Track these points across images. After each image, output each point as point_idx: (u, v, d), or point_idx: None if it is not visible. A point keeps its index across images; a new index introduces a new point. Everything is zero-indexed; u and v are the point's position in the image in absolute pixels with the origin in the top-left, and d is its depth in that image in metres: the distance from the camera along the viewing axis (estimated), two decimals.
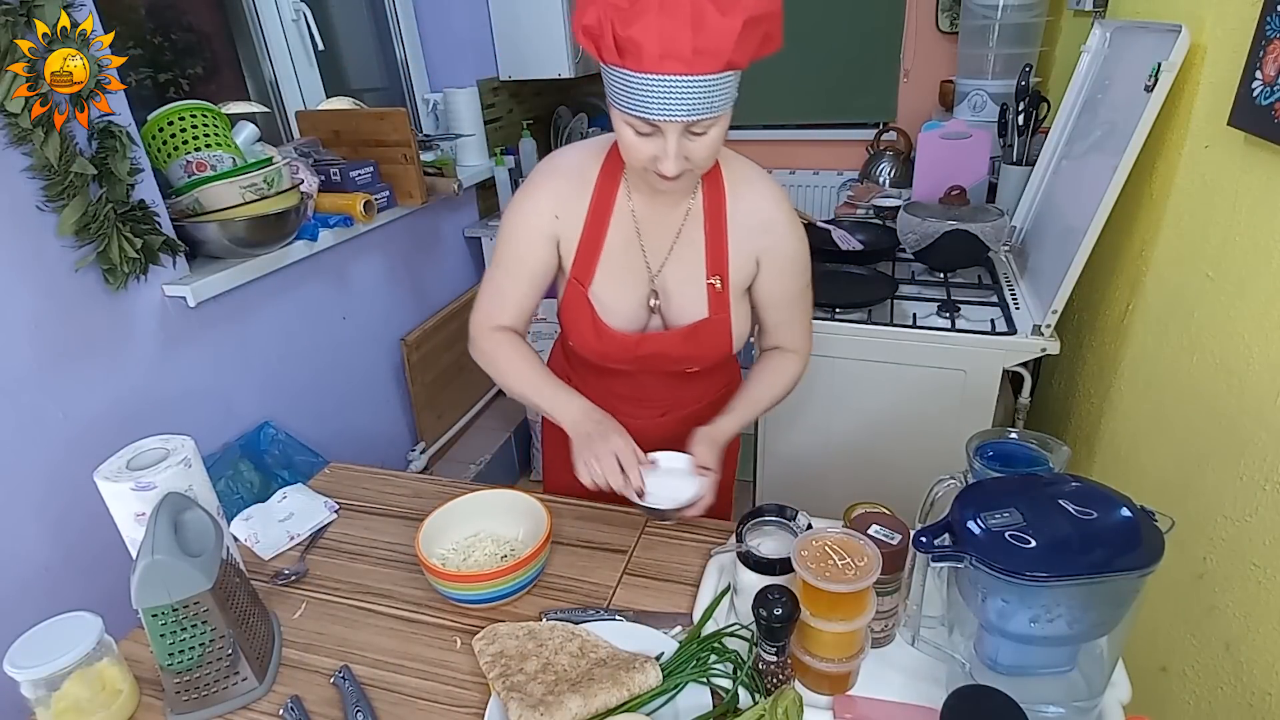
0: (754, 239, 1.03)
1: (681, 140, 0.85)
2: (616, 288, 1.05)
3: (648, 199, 1.02)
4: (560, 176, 1.04)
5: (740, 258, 1.04)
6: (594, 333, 1.06)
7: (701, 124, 0.84)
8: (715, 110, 0.83)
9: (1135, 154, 1.27)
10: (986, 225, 1.70)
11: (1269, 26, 0.92)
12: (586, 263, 1.03)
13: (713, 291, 1.04)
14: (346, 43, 2.41)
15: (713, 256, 1.03)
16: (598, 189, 1.02)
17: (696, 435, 1.04)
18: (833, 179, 3.12)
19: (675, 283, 1.05)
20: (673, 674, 0.82)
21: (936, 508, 0.89)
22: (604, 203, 1.02)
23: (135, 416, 1.41)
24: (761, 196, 1.04)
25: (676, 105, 0.80)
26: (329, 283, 1.90)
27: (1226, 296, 1.04)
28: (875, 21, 2.86)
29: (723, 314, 1.05)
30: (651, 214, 1.03)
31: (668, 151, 0.85)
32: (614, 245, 1.03)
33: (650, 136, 0.86)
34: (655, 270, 1.05)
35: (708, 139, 0.86)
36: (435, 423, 2.37)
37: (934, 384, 1.57)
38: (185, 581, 0.78)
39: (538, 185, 1.04)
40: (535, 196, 1.03)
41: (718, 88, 0.81)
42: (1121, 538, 0.66)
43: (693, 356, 1.08)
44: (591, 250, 1.03)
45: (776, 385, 1.13)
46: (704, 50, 0.77)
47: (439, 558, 1.00)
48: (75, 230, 1.23)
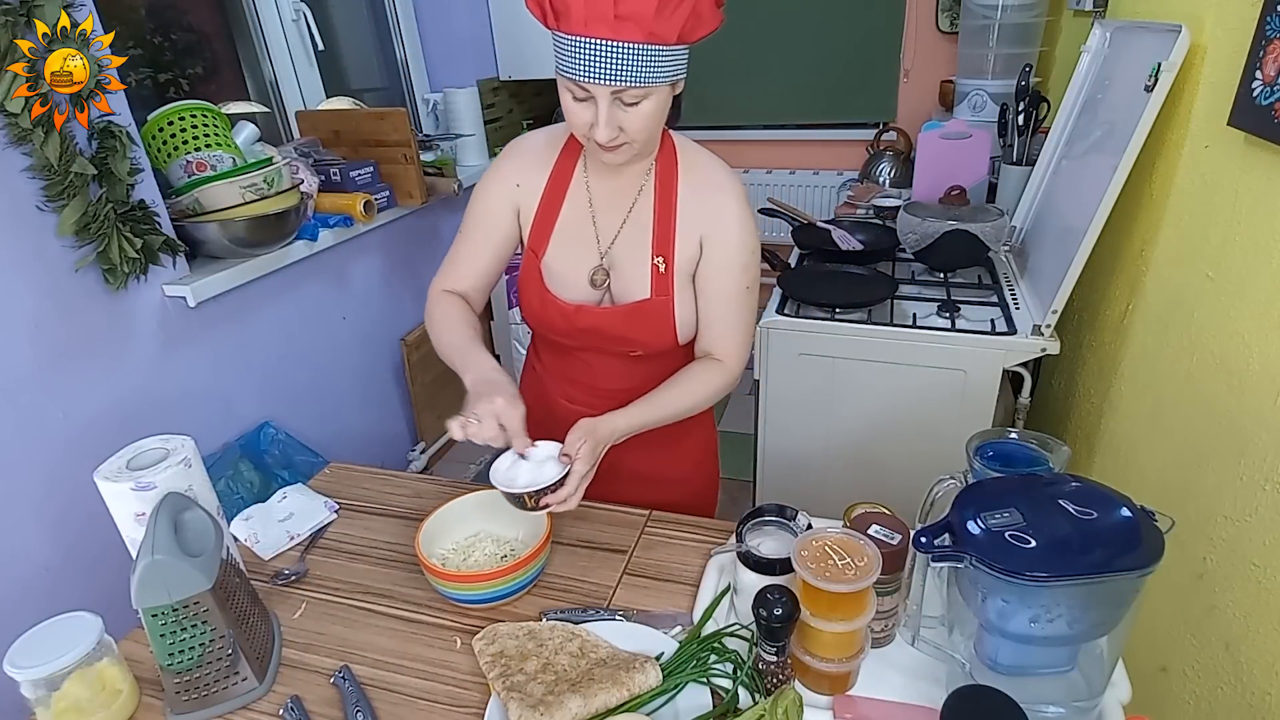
0: (700, 222, 1.03)
1: (614, 110, 0.88)
2: (566, 260, 1.07)
3: (603, 176, 1.05)
4: (524, 150, 1.09)
5: (685, 241, 1.04)
6: (539, 301, 1.08)
7: (631, 93, 0.87)
8: (642, 81, 0.85)
9: (1135, 154, 1.27)
10: (986, 225, 1.70)
11: (1269, 26, 0.92)
12: (541, 233, 1.07)
13: (656, 273, 1.04)
14: (346, 43, 2.41)
15: (659, 237, 1.04)
16: (558, 164, 1.06)
17: (577, 423, 0.98)
18: (833, 179, 3.12)
19: (623, 261, 1.06)
20: (673, 674, 0.82)
21: (936, 508, 0.89)
22: (562, 176, 1.06)
23: (135, 416, 1.41)
24: (712, 180, 1.04)
25: (602, 69, 0.84)
26: (329, 283, 1.91)
27: (1226, 296, 1.04)
28: (875, 21, 2.86)
29: (665, 296, 1.04)
30: (605, 191, 1.06)
31: (599, 118, 0.88)
32: (567, 218, 1.06)
33: (585, 102, 0.89)
34: (605, 246, 1.06)
35: (640, 111, 0.89)
36: (435, 423, 2.37)
37: (934, 384, 1.56)
38: (185, 581, 0.78)
39: (503, 157, 1.10)
40: (500, 168, 1.09)
41: (645, 59, 0.84)
42: (1121, 538, 0.66)
43: (633, 338, 1.07)
44: (546, 221, 1.07)
45: (688, 394, 1.07)
46: (625, 16, 0.81)
47: (439, 558, 1.00)
48: (75, 230, 1.23)
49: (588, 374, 1.16)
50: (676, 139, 1.06)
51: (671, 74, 0.88)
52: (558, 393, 1.19)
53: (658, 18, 0.82)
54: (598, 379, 1.15)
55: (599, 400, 1.14)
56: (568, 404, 1.18)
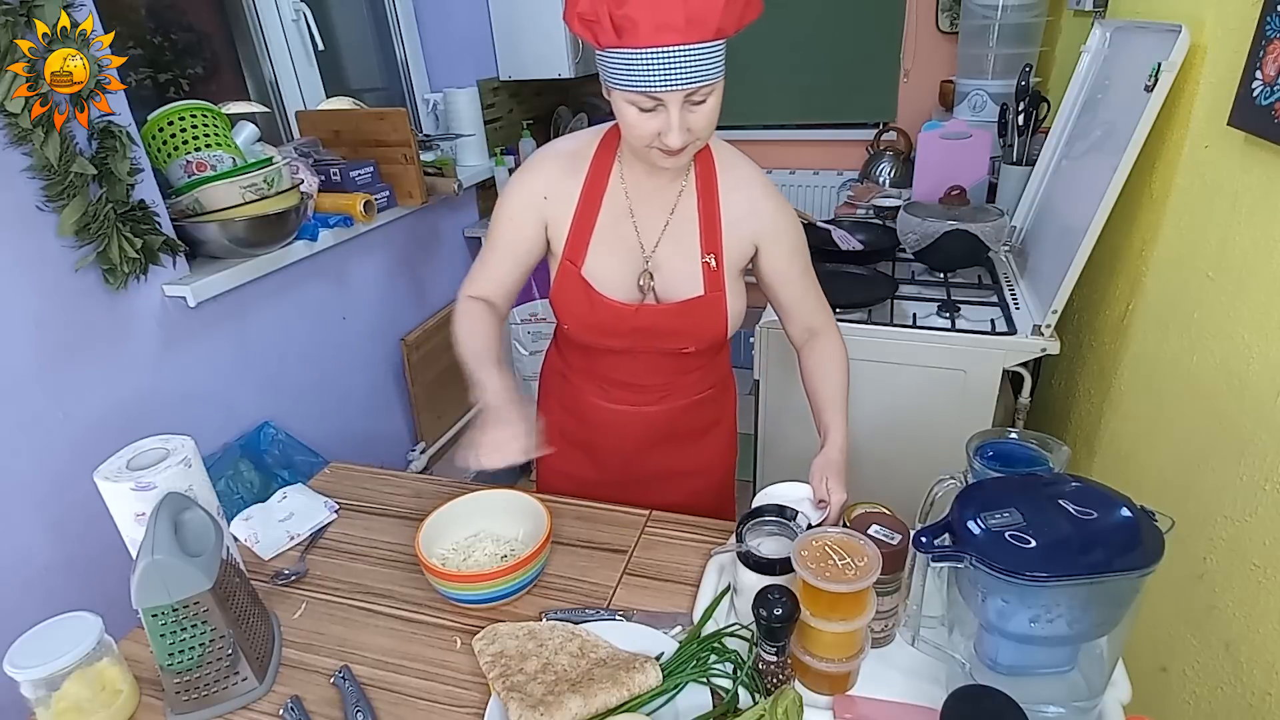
0: (749, 219, 1.06)
1: (683, 112, 0.88)
2: (608, 264, 1.06)
3: (641, 178, 1.05)
4: (553, 159, 1.07)
5: (734, 238, 1.06)
6: (588, 306, 1.06)
7: (700, 92, 0.87)
8: (712, 78, 0.86)
9: (1135, 154, 1.27)
10: (986, 225, 1.70)
11: (1269, 26, 0.92)
12: (578, 241, 1.05)
13: (707, 269, 1.05)
14: (346, 43, 2.41)
15: (707, 235, 1.05)
16: (592, 169, 1.05)
17: (816, 468, 1.00)
18: (833, 179, 3.12)
19: (669, 260, 1.06)
20: (673, 674, 0.82)
21: (936, 508, 0.89)
22: (597, 182, 1.05)
23: (135, 416, 1.41)
24: (751, 178, 1.07)
25: (676, 75, 0.84)
26: (329, 283, 1.91)
27: (1226, 296, 1.04)
28: (875, 21, 2.86)
29: (718, 292, 1.06)
30: (645, 193, 1.05)
31: (671, 124, 0.88)
32: (605, 223, 1.05)
33: (652, 112, 0.89)
34: (649, 249, 1.06)
35: (707, 108, 0.89)
36: (435, 423, 2.37)
37: (934, 384, 1.56)
38: (185, 581, 0.78)
39: (531, 167, 1.07)
40: (526, 178, 1.07)
41: (712, 55, 0.85)
42: (1121, 538, 0.66)
43: (687, 333, 1.09)
44: (584, 228, 1.05)
45: (841, 371, 1.10)
46: (695, 19, 0.81)
47: (439, 558, 1.00)
48: (75, 230, 1.23)
49: (629, 373, 1.15)
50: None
51: (722, 66, 0.89)
52: (593, 394, 1.19)
53: (725, 13, 0.82)
54: (640, 376, 1.15)
55: (639, 397, 1.16)
56: (606, 404, 1.18)
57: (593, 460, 1.24)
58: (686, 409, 1.18)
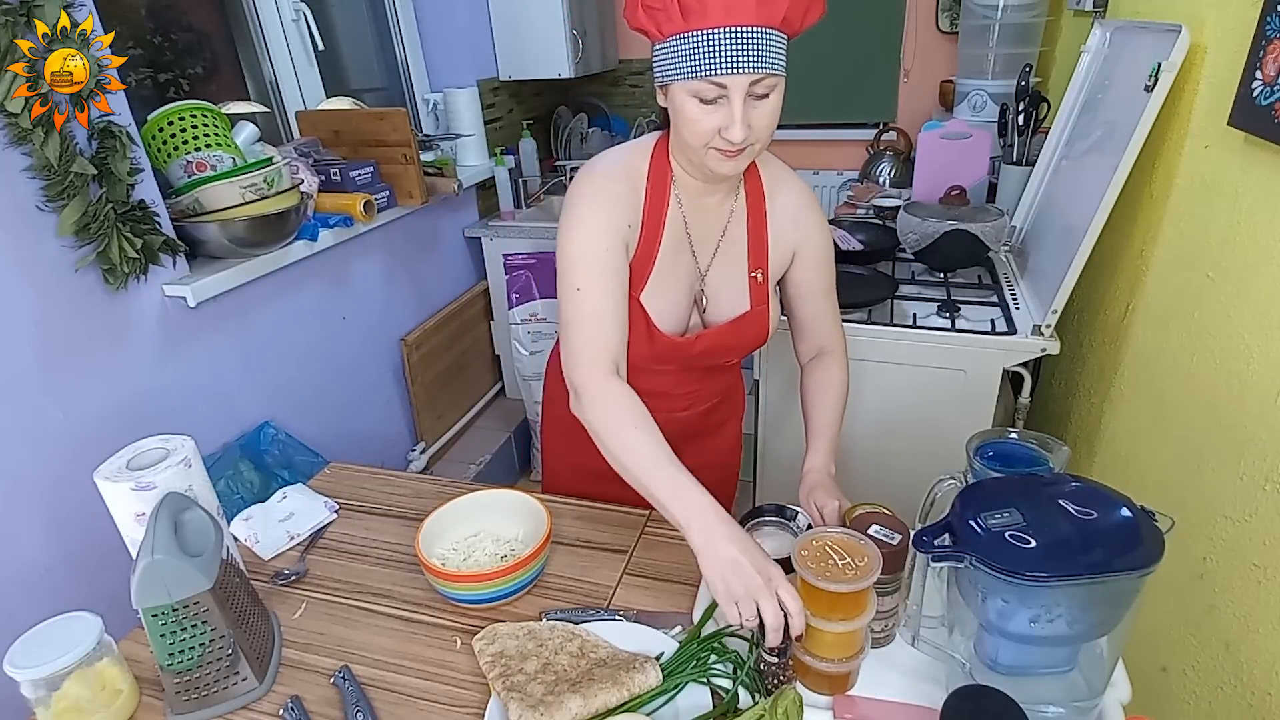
0: (791, 231, 1.08)
1: (746, 107, 0.86)
2: (667, 292, 1.03)
3: (696, 200, 1.03)
4: (618, 184, 0.98)
5: (778, 251, 1.08)
6: (647, 339, 1.03)
7: (764, 83, 0.85)
8: (777, 69, 0.85)
9: (1135, 154, 1.27)
10: (986, 225, 1.70)
11: (1269, 26, 0.92)
12: (641, 270, 1.00)
13: (754, 284, 1.07)
14: (346, 43, 2.41)
15: (755, 251, 1.06)
16: (649, 194, 1.00)
17: (807, 483, 1.02)
18: (833, 179, 3.12)
19: (719, 280, 1.07)
20: (673, 674, 0.82)
21: (936, 508, 0.89)
22: (657, 207, 1.00)
23: (135, 416, 1.41)
24: (795, 191, 1.08)
25: (743, 58, 0.82)
26: (329, 283, 1.91)
27: (1226, 296, 1.04)
28: (875, 21, 2.86)
29: (762, 305, 1.08)
30: (699, 215, 1.04)
31: (734, 116, 0.85)
32: (666, 250, 1.01)
33: (714, 105, 0.86)
34: (703, 271, 1.06)
35: (769, 104, 0.88)
36: (435, 423, 2.37)
37: (934, 384, 1.56)
38: (185, 581, 0.78)
39: (596, 200, 0.96)
40: (602, 210, 0.95)
41: (777, 46, 0.85)
42: (1121, 538, 0.66)
43: (735, 348, 1.11)
44: (647, 256, 1.00)
45: (839, 398, 1.11)
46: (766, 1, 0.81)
47: (439, 558, 1.00)
48: (75, 230, 1.23)
49: (661, 387, 1.13)
50: None
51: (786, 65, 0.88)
52: None
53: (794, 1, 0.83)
54: (670, 387, 1.14)
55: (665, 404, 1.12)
56: None
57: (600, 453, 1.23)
58: (706, 412, 1.19)
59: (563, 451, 1.26)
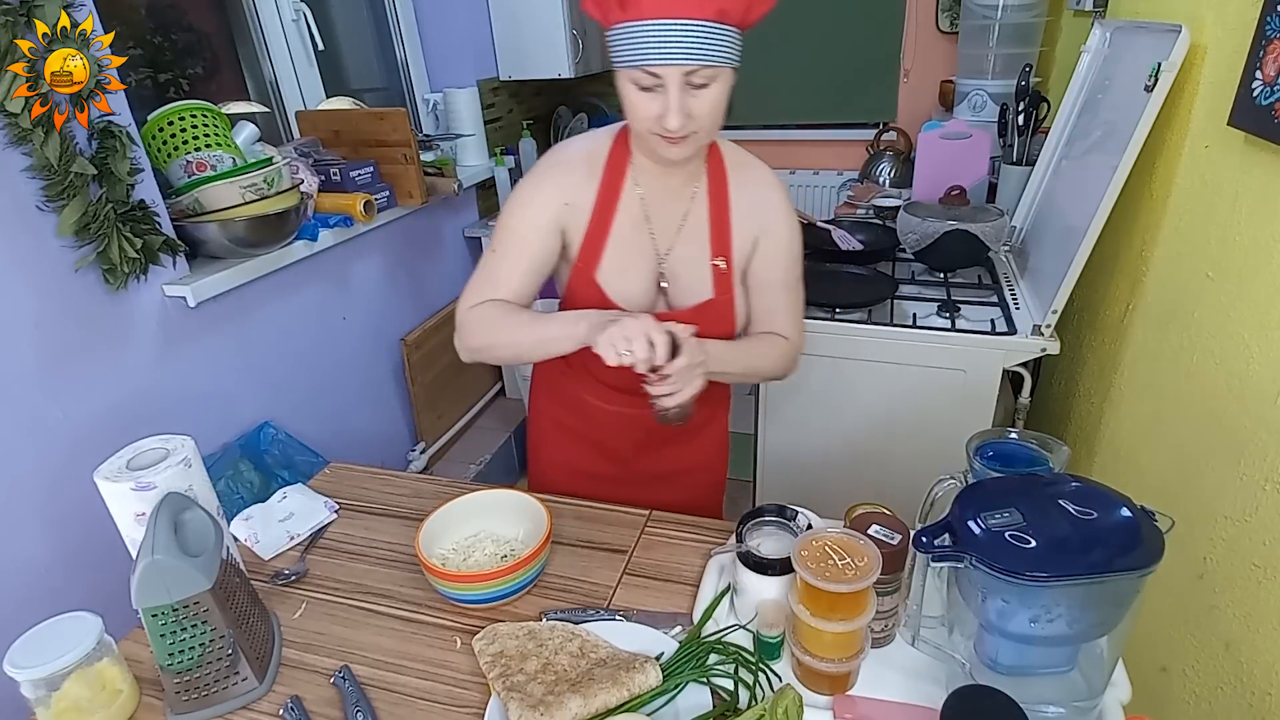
0: (754, 220, 1.07)
1: (684, 96, 0.87)
2: (624, 271, 1.05)
3: (655, 181, 1.04)
4: (568, 165, 1.05)
5: (741, 239, 1.07)
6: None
7: (701, 74, 0.87)
8: (713, 60, 0.86)
9: (1135, 154, 1.27)
10: (986, 225, 1.70)
11: (1269, 26, 0.92)
12: (593, 248, 1.04)
13: (717, 272, 1.06)
14: (346, 43, 2.41)
15: (717, 238, 1.06)
16: (605, 175, 1.04)
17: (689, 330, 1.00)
18: (833, 179, 3.12)
19: (682, 265, 1.07)
20: (673, 674, 0.82)
21: (936, 508, 0.89)
22: (612, 188, 1.04)
23: (135, 416, 1.41)
24: (760, 180, 1.08)
25: (676, 50, 0.84)
26: (329, 283, 1.91)
27: (1226, 296, 1.04)
28: (875, 21, 2.86)
29: (727, 294, 1.07)
30: (658, 197, 1.05)
31: (670, 105, 0.87)
32: (621, 229, 1.04)
33: (653, 92, 0.88)
34: (663, 253, 1.06)
35: (709, 95, 0.89)
36: (435, 423, 2.37)
37: (934, 384, 1.56)
38: (185, 581, 0.78)
39: (545, 175, 1.05)
40: (544, 185, 1.04)
41: (715, 38, 0.85)
42: (1121, 538, 0.66)
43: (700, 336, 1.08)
44: (599, 235, 1.04)
45: (763, 354, 1.10)
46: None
47: (439, 558, 1.00)
48: (75, 230, 1.23)
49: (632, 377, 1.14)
50: (719, 141, 1.07)
51: (735, 58, 0.89)
52: (590, 394, 1.19)
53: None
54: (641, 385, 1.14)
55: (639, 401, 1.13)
56: (603, 405, 1.18)
57: (587, 454, 1.25)
58: None
59: (550, 448, 1.28)
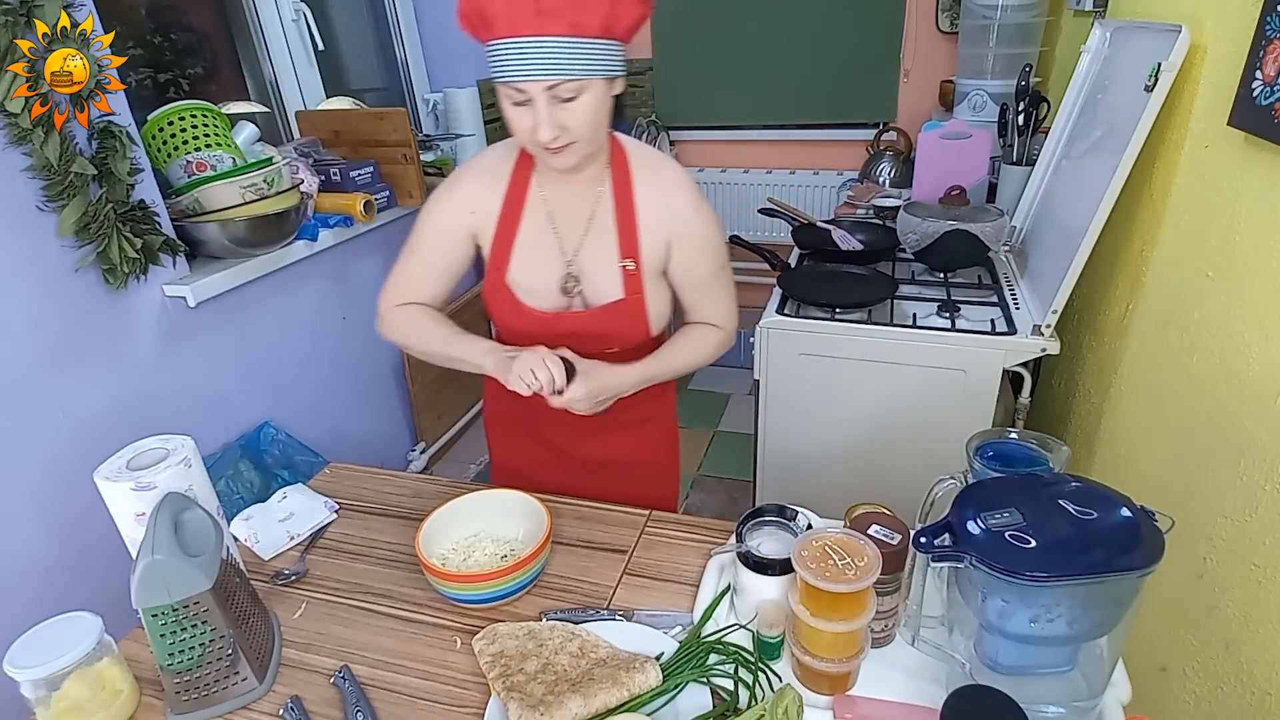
0: (664, 223, 1.08)
1: (553, 109, 0.90)
2: (532, 272, 1.09)
3: (558, 187, 1.08)
4: (476, 174, 1.10)
5: (651, 240, 1.08)
6: (514, 314, 1.10)
7: (565, 87, 0.89)
8: (574, 74, 0.88)
9: (1135, 154, 1.27)
10: (986, 225, 1.70)
11: (1269, 26, 0.92)
12: (502, 251, 1.09)
13: (626, 274, 1.08)
14: (346, 43, 2.41)
15: (625, 239, 1.07)
16: (512, 182, 1.08)
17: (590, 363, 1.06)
18: (833, 179, 3.12)
19: (591, 265, 1.09)
20: (673, 674, 0.82)
21: (936, 508, 0.89)
22: (518, 193, 1.08)
23: (135, 416, 1.41)
24: (667, 179, 1.08)
25: (533, 67, 0.87)
26: (329, 283, 1.91)
27: (1226, 296, 1.04)
28: (875, 21, 2.86)
29: (636, 295, 1.09)
30: (563, 201, 1.08)
31: (539, 118, 0.90)
32: (528, 232, 1.08)
33: (524, 106, 0.91)
34: (570, 255, 1.09)
35: (579, 106, 0.91)
36: (435, 423, 2.37)
37: (934, 384, 1.56)
38: (185, 581, 0.78)
39: (455, 183, 1.11)
40: (453, 193, 1.10)
41: (573, 52, 0.87)
42: (1121, 538, 0.66)
43: (611, 336, 1.11)
44: (506, 239, 1.08)
45: (690, 351, 1.14)
46: (546, 11, 0.85)
47: (439, 558, 1.00)
48: (75, 230, 1.23)
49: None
50: (625, 142, 1.09)
51: (604, 68, 0.91)
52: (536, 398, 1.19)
53: (578, 10, 0.86)
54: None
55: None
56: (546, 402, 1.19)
57: (538, 448, 1.26)
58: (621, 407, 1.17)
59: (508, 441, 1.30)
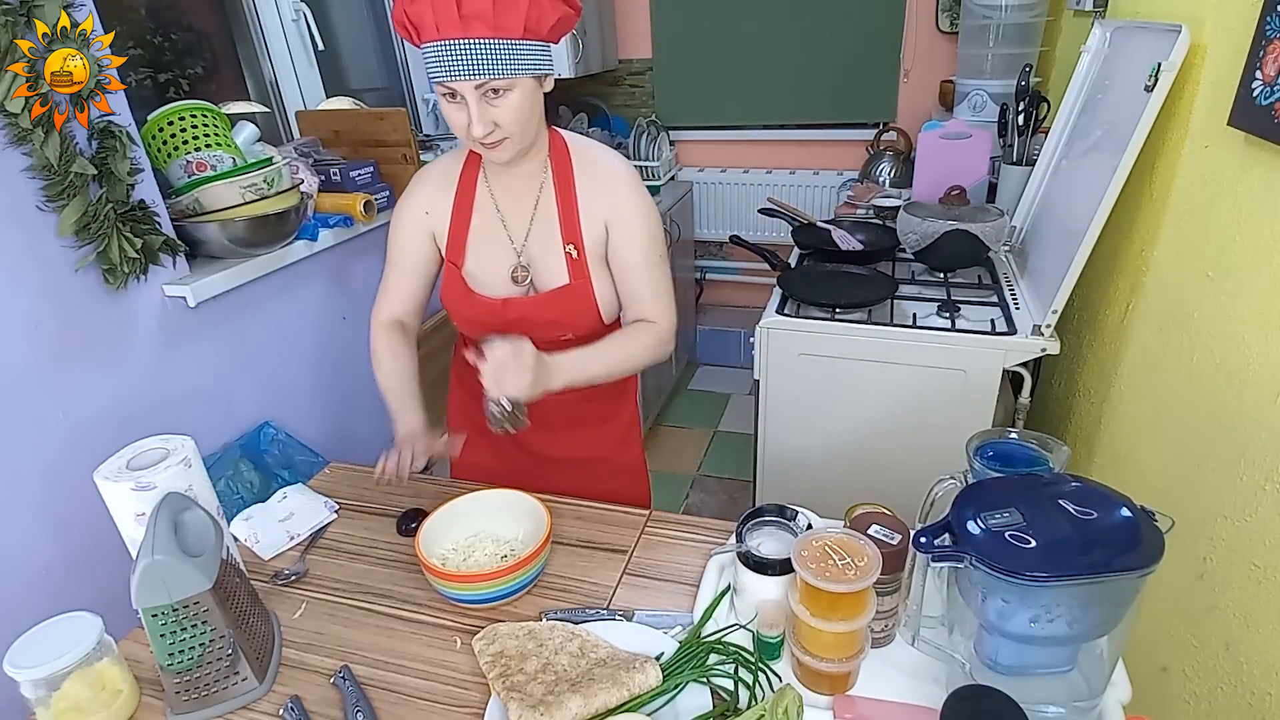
0: (602, 207, 1.12)
1: (483, 106, 0.96)
2: (485, 264, 1.15)
3: (503, 179, 1.14)
4: (429, 177, 1.18)
5: (591, 224, 1.12)
6: (466, 303, 1.16)
7: (493, 85, 0.94)
8: (501, 73, 0.93)
9: (1135, 154, 1.27)
10: (986, 225, 1.70)
11: (1269, 26, 0.92)
12: (456, 247, 1.16)
13: (570, 259, 1.12)
14: (346, 43, 2.41)
15: (566, 226, 1.12)
16: (461, 181, 1.15)
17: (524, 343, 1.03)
18: (833, 179, 3.12)
19: (539, 253, 1.14)
20: (673, 674, 0.82)
21: (936, 508, 0.89)
22: (467, 191, 1.15)
23: (135, 416, 1.41)
24: (605, 169, 1.13)
25: (462, 66, 0.92)
26: (329, 283, 1.90)
27: (1226, 296, 1.04)
28: (875, 21, 2.86)
29: (582, 280, 1.13)
30: (508, 194, 1.14)
31: (471, 115, 0.96)
32: (479, 226, 1.15)
33: (458, 104, 0.97)
34: (519, 244, 1.14)
35: (509, 103, 0.96)
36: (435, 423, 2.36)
37: (934, 384, 1.56)
38: (185, 581, 0.78)
39: (410, 190, 1.19)
40: (409, 198, 1.18)
41: (499, 52, 0.92)
42: (1121, 538, 0.66)
43: (561, 322, 1.15)
44: (460, 234, 1.15)
45: (626, 346, 1.14)
46: (470, 15, 0.90)
47: (439, 558, 1.00)
48: (75, 230, 1.23)
49: None
50: (566, 136, 1.15)
51: (531, 67, 0.96)
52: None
53: (497, 13, 0.90)
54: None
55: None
56: None
57: (499, 446, 1.28)
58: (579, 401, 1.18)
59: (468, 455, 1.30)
